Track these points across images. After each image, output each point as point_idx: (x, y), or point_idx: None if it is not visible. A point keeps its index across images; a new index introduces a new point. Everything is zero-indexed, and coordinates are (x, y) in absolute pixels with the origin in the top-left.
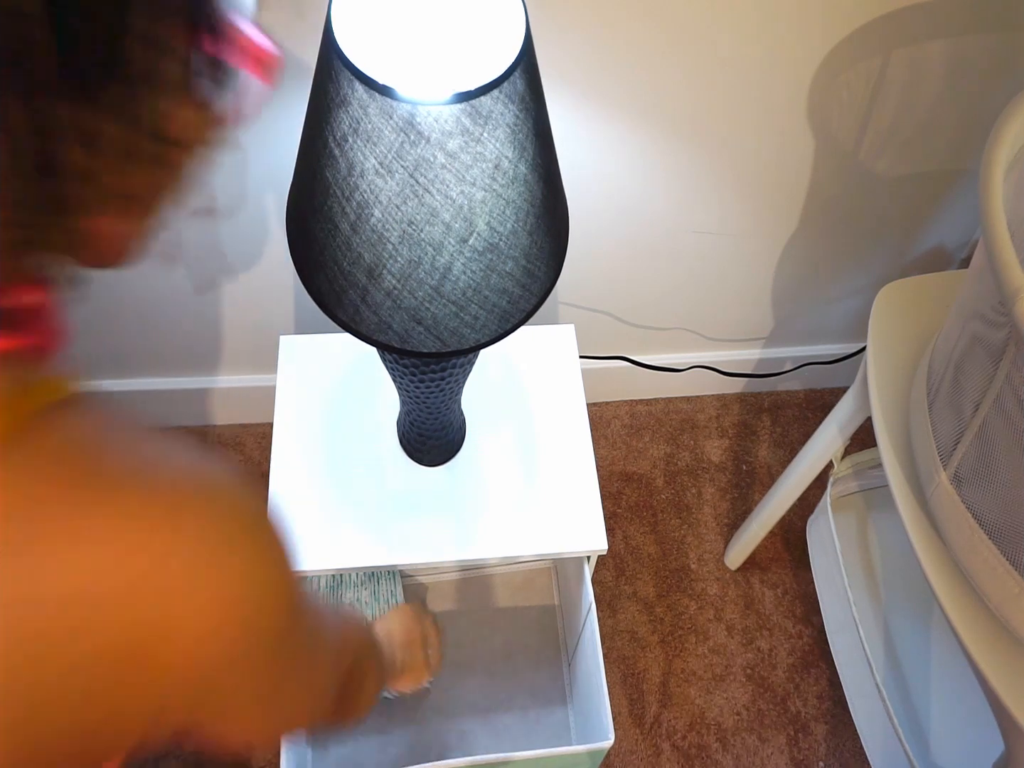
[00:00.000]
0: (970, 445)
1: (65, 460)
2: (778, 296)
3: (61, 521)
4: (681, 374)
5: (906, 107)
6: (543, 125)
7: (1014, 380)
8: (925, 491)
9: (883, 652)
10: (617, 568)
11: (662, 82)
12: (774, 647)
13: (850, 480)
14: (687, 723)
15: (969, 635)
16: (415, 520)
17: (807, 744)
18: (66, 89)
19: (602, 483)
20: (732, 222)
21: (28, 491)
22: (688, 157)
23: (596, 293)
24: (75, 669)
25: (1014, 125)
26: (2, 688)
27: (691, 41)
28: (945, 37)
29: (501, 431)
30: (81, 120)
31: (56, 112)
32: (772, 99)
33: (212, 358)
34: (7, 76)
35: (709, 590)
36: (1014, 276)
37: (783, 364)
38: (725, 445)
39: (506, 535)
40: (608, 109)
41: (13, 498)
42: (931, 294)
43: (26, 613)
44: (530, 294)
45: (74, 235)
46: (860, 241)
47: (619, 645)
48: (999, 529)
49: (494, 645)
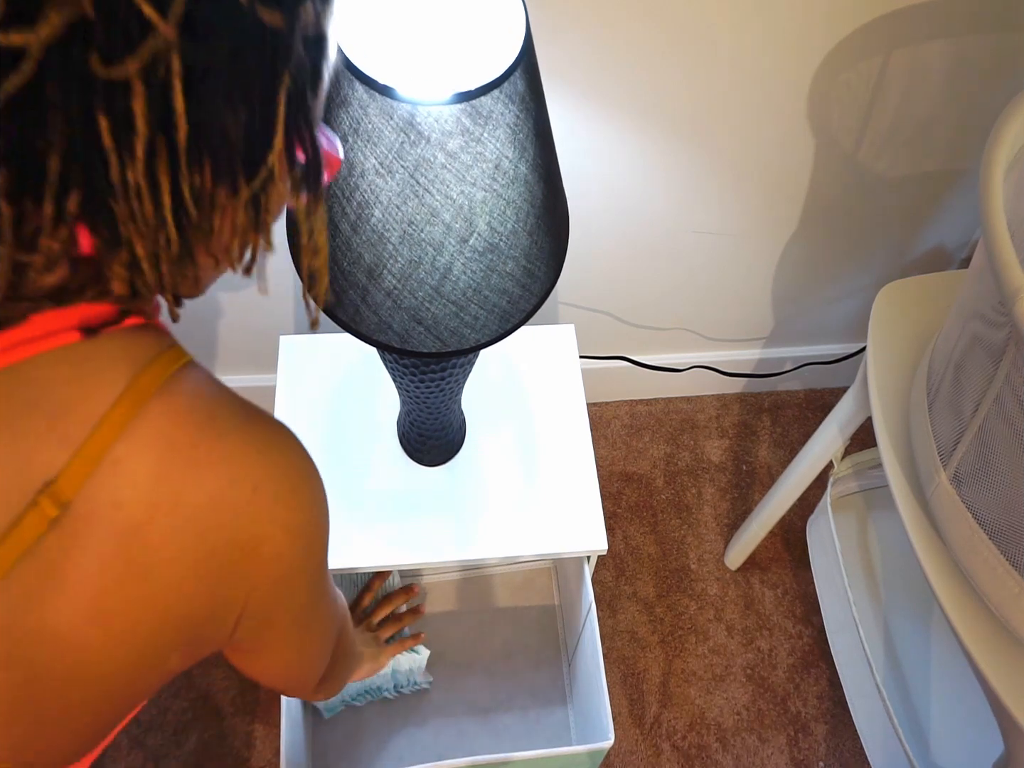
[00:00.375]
0: (970, 445)
1: (191, 410)
2: (778, 296)
3: (188, 453)
4: (681, 374)
5: (906, 107)
6: (543, 125)
7: (1014, 380)
8: (925, 491)
9: (883, 652)
10: (617, 568)
11: (662, 82)
12: (774, 647)
13: (850, 480)
14: (687, 723)
15: (969, 635)
16: (415, 520)
17: (807, 744)
18: (225, 178)
19: (602, 483)
20: (732, 222)
21: (167, 432)
22: (688, 157)
23: (596, 293)
24: (199, 561)
25: (1014, 125)
26: (150, 570)
27: (691, 41)
28: (945, 37)
29: (501, 431)
30: (220, 198)
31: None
32: (772, 99)
33: (212, 358)
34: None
35: (709, 590)
36: (1014, 276)
37: (783, 364)
38: (725, 445)
39: (506, 535)
40: (608, 109)
41: (155, 437)
42: (931, 294)
43: (168, 516)
44: (530, 294)
45: (188, 275)
46: (860, 241)
47: (619, 645)
48: (999, 529)
49: (494, 645)
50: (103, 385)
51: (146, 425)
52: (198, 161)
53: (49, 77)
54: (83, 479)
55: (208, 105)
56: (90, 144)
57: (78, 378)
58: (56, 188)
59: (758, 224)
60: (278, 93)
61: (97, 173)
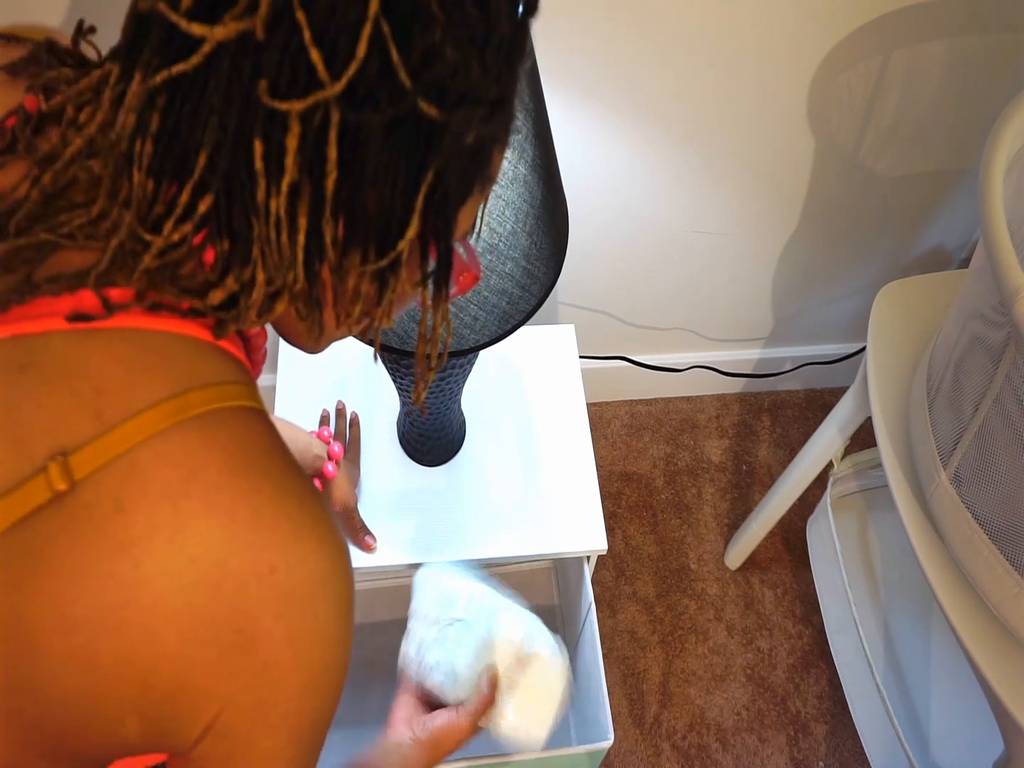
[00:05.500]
0: (970, 445)
1: (231, 451)
2: (778, 296)
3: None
4: (681, 374)
5: (906, 107)
6: (543, 126)
7: (1014, 380)
8: (925, 491)
9: (883, 652)
10: (617, 568)
11: (662, 82)
12: (774, 647)
13: (850, 480)
14: (687, 723)
15: (969, 635)
16: (415, 520)
17: (807, 744)
18: (357, 244)
19: (602, 483)
20: (732, 222)
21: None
22: (688, 157)
23: (596, 293)
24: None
25: (1014, 125)
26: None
27: (691, 41)
28: (945, 37)
29: (501, 431)
30: (351, 260)
31: (346, 252)
32: (772, 99)
33: None
34: (359, 227)
35: (709, 590)
36: (1014, 276)
37: (783, 364)
38: (725, 445)
39: (506, 535)
40: (608, 109)
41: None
42: (931, 294)
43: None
44: (530, 295)
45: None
46: (860, 241)
47: (619, 645)
48: (999, 529)
49: None
50: (152, 382)
51: (177, 442)
52: (335, 216)
53: (214, 78)
54: (97, 465)
55: (355, 168)
56: (242, 159)
57: (138, 364)
58: (196, 183)
59: (758, 224)
60: (420, 185)
61: (245, 188)
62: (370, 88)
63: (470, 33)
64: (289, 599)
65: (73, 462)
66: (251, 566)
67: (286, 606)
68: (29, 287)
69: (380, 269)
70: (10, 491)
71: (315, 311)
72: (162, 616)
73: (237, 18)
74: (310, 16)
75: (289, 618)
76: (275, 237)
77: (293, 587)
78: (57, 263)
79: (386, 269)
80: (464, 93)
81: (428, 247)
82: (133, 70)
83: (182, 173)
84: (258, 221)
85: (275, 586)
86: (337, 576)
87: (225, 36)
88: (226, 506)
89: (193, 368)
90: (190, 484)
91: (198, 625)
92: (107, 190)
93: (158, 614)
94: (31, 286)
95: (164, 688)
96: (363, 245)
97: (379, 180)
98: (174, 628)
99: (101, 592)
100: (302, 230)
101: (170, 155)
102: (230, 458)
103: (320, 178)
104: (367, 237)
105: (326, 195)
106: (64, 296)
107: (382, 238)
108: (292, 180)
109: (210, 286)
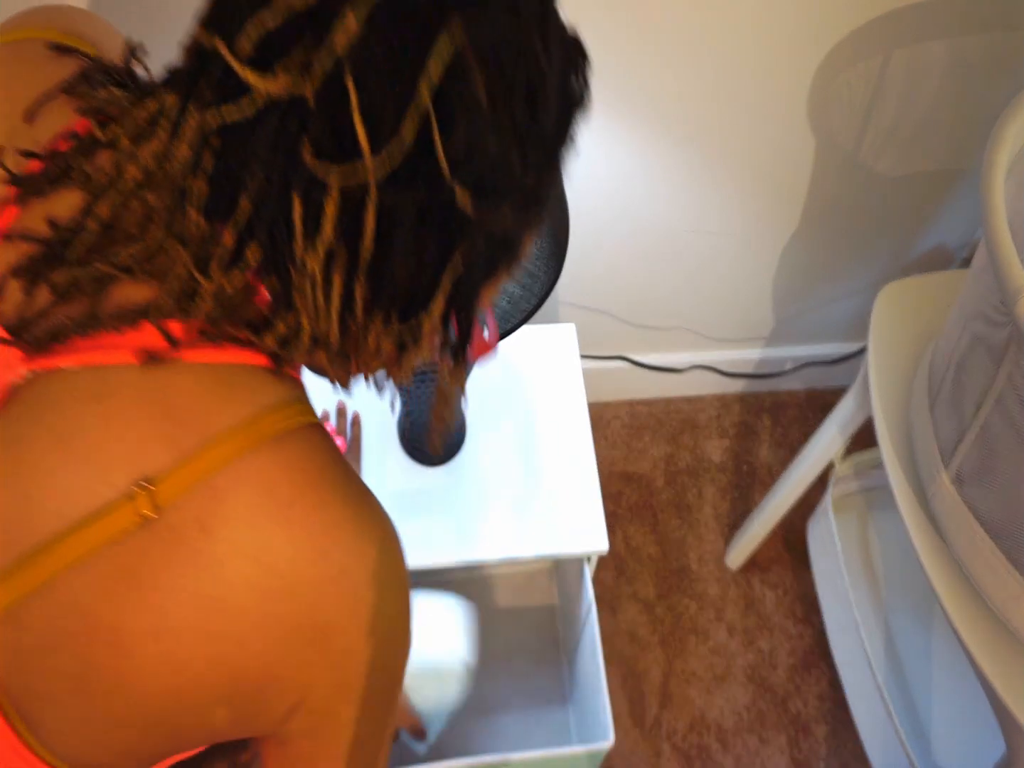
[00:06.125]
0: (972, 445)
1: (299, 468)
2: (778, 296)
3: (284, 509)
4: (681, 374)
5: (906, 107)
6: None
7: (1015, 380)
8: (926, 491)
9: (884, 653)
10: (617, 568)
11: (662, 82)
12: (775, 648)
13: (851, 480)
14: (687, 724)
15: (971, 635)
16: (415, 520)
17: (808, 745)
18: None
19: (602, 483)
20: (732, 222)
21: (270, 480)
22: (688, 157)
23: (596, 293)
24: (267, 622)
25: (1015, 125)
26: (219, 609)
27: (691, 41)
28: (945, 37)
29: (501, 431)
30: (375, 321)
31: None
32: (772, 99)
33: None
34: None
35: (709, 590)
36: (1015, 276)
37: (783, 364)
38: (725, 445)
39: (506, 535)
40: (608, 109)
41: (256, 481)
42: (932, 294)
43: (248, 563)
44: (530, 294)
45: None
46: (861, 241)
47: (619, 645)
48: (1001, 529)
49: (494, 645)
50: (227, 411)
51: (253, 466)
52: (365, 279)
53: (261, 130)
54: (180, 492)
55: (387, 240)
56: (282, 213)
57: (208, 394)
58: (241, 227)
59: (758, 224)
60: (446, 267)
61: (283, 239)
62: (409, 170)
63: (515, 126)
64: (358, 594)
65: (158, 489)
66: (324, 570)
67: (356, 601)
68: (92, 321)
69: (402, 335)
70: (98, 516)
71: (343, 360)
72: (248, 623)
73: (289, 73)
74: (360, 88)
75: (360, 610)
76: (311, 291)
77: (361, 583)
78: (117, 296)
79: (407, 335)
80: (501, 185)
81: (450, 319)
82: (189, 103)
83: (228, 214)
84: (296, 273)
85: (346, 586)
86: (396, 561)
87: (277, 89)
88: (298, 519)
89: (257, 394)
90: (266, 502)
91: (280, 627)
92: (163, 224)
93: (244, 622)
94: (94, 320)
95: (252, 683)
96: (387, 309)
97: (408, 256)
98: (259, 633)
99: (193, 606)
100: (336, 289)
101: (223, 196)
102: (298, 474)
103: (356, 245)
104: (392, 303)
105: (360, 261)
106: (127, 329)
107: (406, 307)
108: (328, 243)
109: (265, 325)
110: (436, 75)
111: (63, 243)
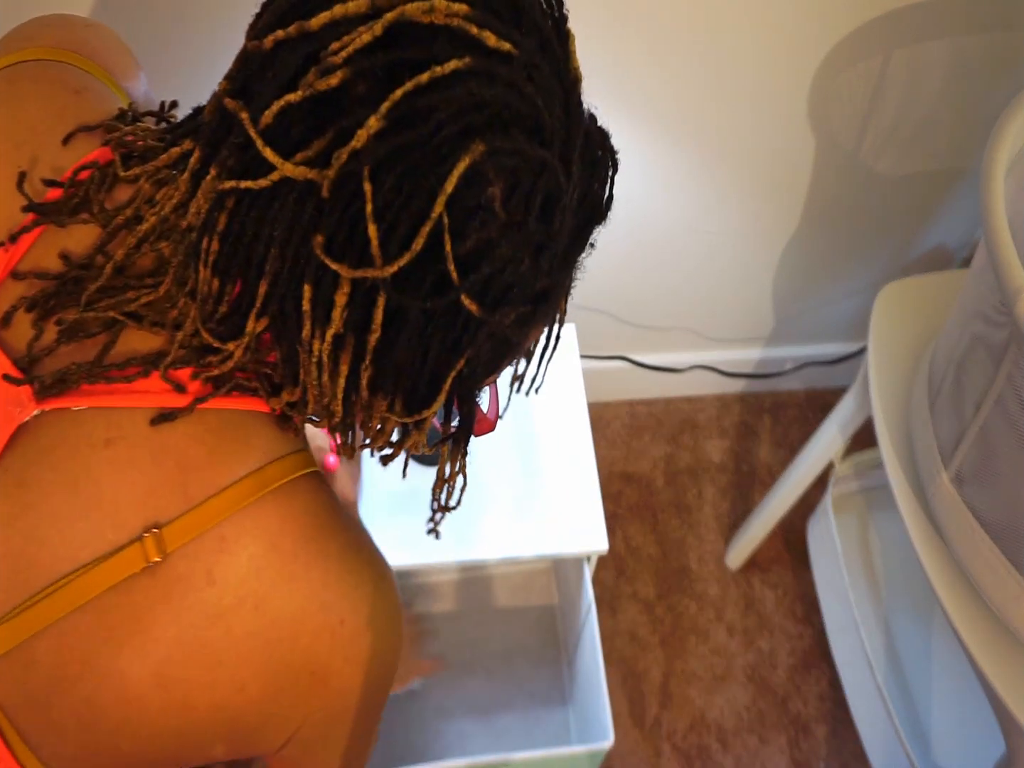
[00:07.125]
0: (971, 445)
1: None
2: (778, 296)
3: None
4: (681, 374)
5: (906, 107)
6: None
7: (1015, 380)
8: (926, 491)
9: (884, 653)
10: (617, 568)
11: (662, 81)
12: (775, 648)
13: (851, 480)
14: (687, 724)
15: (970, 636)
16: (414, 519)
17: (808, 745)
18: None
19: (602, 483)
20: (732, 222)
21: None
22: (688, 157)
23: (596, 293)
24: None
25: (1015, 124)
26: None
27: (691, 40)
28: (945, 37)
29: (501, 431)
30: (378, 405)
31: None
32: (772, 99)
33: None
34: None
35: (709, 591)
36: (1015, 276)
37: (783, 364)
38: (725, 445)
39: (506, 535)
40: (607, 109)
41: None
42: (932, 294)
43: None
44: None
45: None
46: (861, 241)
47: (619, 646)
48: (1001, 529)
49: (494, 645)
50: (235, 460)
51: (258, 517)
52: (371, 364)
53: (279, 203)
54: (188, 539)
55: (392, 336)
56: (291, 295)
57: (217, 442)
58: (258, 311)
59: (758, 224)
60: (450, 371)
61: (293, 323)
62: (418, 274)
63: (530, 237)
64: (355, 640)
65: (166, 536)
66: (324, 621)
67: (353, 646)
68: (100, 369)
69: (406, 422)
70: (105, 559)
71: (348, 433)
72: (248, 671)
73: (308, 164)
74: (376, 189)
75: (356, 654)
76: (316, 373)
77: (359, 630)
78: (125, 344)
79: (410, 424)
80: (509, 292)
81: (451, 406)
82: (210, 161)
83: (245, 277)
84: (303, 353)
85: (344, 634)
86: (390, 602)
87: (295, 173)
88: (301, 572)
89: (265, 443)
90: (271, 555)
91: (280, 675)
92: (175, 276)
93: (245, 670)
94: (102, 367)
95: (250, 723)
96: (391, 395)
97: (413, 354)
98: (260, 679)
99: (197, 655)
100: (343, 374)
101: (235, 258)
102: (301, 527)
103: (363, 336)
104: (395, 393)
105: (367, 350)
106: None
107: (409, 401)
108: (337, 332)
109: (274, 390)
110: (453, 189)
111: (75, 280)
